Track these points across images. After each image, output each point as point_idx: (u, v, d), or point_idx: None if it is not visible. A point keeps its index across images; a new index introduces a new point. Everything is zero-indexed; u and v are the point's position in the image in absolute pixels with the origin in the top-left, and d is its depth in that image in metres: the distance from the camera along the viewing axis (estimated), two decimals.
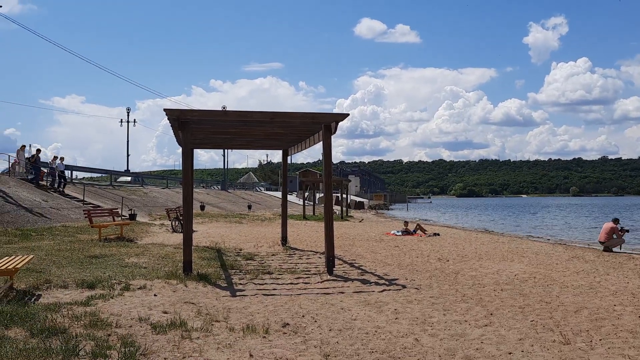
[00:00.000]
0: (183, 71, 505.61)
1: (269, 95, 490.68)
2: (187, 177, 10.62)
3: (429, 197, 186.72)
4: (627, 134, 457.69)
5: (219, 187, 65.10)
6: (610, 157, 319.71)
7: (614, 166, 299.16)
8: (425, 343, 5.93)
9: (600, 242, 17.15)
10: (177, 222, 20.13)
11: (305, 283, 9.78)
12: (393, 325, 6.72)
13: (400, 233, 21.64)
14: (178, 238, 16.39)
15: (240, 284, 9.55)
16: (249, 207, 43.32)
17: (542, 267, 12.19)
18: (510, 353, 5.58)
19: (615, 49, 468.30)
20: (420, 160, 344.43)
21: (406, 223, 24.13)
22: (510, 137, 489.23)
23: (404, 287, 9.44)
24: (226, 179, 68.35)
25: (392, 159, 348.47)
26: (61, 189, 26.42)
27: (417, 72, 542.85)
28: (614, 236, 16.77)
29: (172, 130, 12.30)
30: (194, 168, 20.80)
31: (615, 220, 17.38)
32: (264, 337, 6.04)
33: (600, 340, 6.09)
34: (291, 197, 62.68)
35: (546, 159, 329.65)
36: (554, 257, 14.45)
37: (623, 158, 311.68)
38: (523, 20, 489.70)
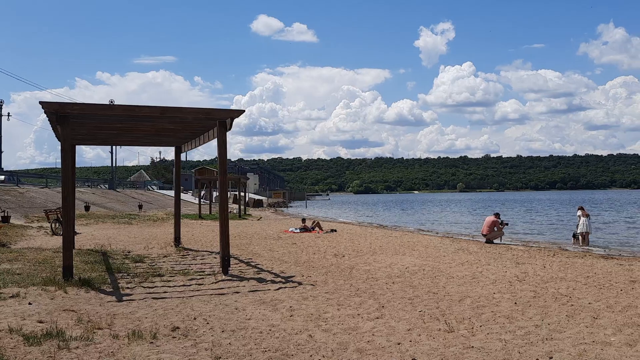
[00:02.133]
0: (66, 62, 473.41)
1: (162, 89, 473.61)
2: (67, 175, 9.85)
3: (328, 195, 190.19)
4: (506, 134, 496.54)
5: (107, 186, 61.58)
6: (492, 155, 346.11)
7: (495, 164, 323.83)
8: (319, 339, 5.94)
9: (482, 234, 18.37)
10: (57, 224, 18.70)
11: (199, 284, 9.47)
12: (288, 322, 6.67)
13: (298, 230, 21.76)
14: (58, 241, 15.22)
15: (128, 288, 9.04)
16: (140, 206, 41.42)
17: (431, 260, 12.78)
18: (399, 343, 5.74)
19: (496, 55, 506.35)
20: (319, 158, 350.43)
21: (304, 220, 24.31)
22: (403, 136, 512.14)
23: (300, 284, 9.45)
24: (114, 177, 64.71)
25: (291, 157, 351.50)
26: None
27: (315, 70, 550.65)
28: (495, 229, 18.05)
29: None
30: (79, 166, 19.40)
31: (496, 215, 18.73)
32: (152, 342, 5.73)
33: (481, 326, 6.45)
34: (186, 196, 60.97)
35: (436, 157, 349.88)
36: (441, 249, 15.23)
37: (503, 156, 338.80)
38: (414, 24, 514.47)
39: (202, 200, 40.10)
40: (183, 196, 51.37)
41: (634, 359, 5.22)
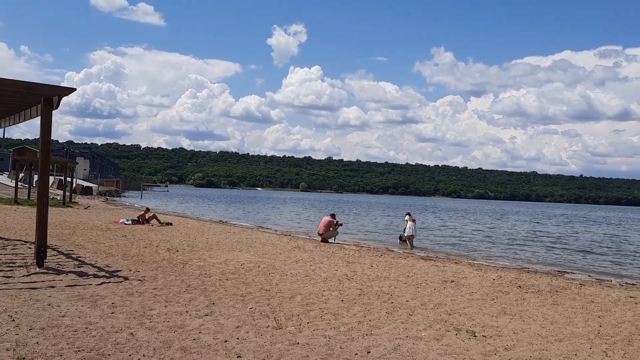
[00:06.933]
0: None
1: None
2: None
3: (167, 186, 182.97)
4: (348, 138, 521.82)
5: None
6: (334, 158, 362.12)
7: (336, 166, 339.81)
8: (141, 337, 5.60)
9: (319, 233, 19.06)
10: None
11: (7, 277, 8.42)
12: (108, 320, 6.19)
13: (130, 222, 20.55)
14: None
15: None
16: None
17: (267, 257, 12.90)
18: (226, 341, 5.64)
19: (342, 63, 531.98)
20: (159, 147, 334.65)
21: (143, 211, 23.05)
22: (250, 132, 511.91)
23: (126, 279, 8.88)
24: None
25: (128, 144, 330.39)
26: None
27: (161, 55, 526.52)
28: (331, 229, 18.85)
29: None
30: None
31: (332, 215, 19.58)
32: None
33: (308, 323, 6.62)
34: (2, 178, 54.32)
35: (281, 156, 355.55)
36: (279, 247, 15.46)
37: (344, 160, 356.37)
38: (269, 22, 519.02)
39: (20, 183, 35.94)
40: None
41: (439, 351, 5.75)
